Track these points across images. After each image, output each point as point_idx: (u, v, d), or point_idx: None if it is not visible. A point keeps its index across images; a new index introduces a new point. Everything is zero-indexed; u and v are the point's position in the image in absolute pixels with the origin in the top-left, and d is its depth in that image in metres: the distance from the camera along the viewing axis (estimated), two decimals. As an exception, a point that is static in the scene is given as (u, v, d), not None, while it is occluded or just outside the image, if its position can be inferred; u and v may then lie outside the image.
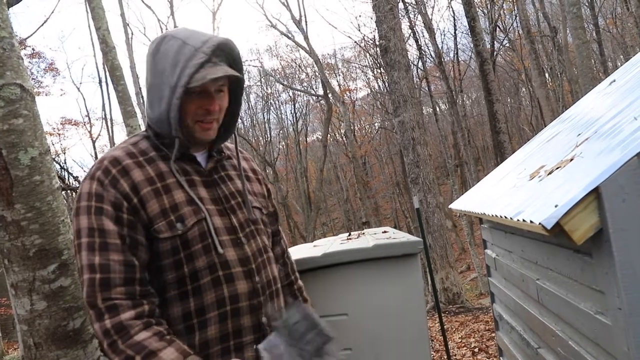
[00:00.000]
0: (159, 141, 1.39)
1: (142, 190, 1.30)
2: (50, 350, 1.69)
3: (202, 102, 1.34)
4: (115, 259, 1.24)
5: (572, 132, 2.62)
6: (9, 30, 1.62)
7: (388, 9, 8.67)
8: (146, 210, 1.29)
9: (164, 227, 1.29)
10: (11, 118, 1.60)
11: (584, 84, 11.06)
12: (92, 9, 6.05)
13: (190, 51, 1.29)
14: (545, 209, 1.54)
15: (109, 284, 1.22)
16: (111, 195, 1.27)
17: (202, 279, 1.31)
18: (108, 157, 1.33)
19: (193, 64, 1.28)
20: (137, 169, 1.32)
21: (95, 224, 1.25)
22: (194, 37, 1.33)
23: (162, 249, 1.29)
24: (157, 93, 1.34)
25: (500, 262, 3.14)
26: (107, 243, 1.24)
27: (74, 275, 1.74)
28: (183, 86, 1.28)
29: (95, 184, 1.29)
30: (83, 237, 1.25)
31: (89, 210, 1.27)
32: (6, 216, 1.61)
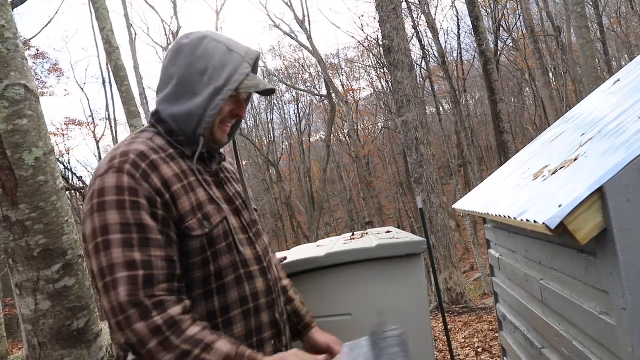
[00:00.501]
0: (172, 138, 1.37)
1: (172, 187, 1.27)
2: (55, 350, 1.70)
3: (235, 106, 1.40)
4: (158, 255, 1.19)
5: (576, 131, 2.62)
6: (13, 31, 1.63)
7: (391, 9, 8.66)
8: (177, 208, 1.26)
9: (195, 225, 1.27)
10: (16, 118, 1.60)
11: (588, 83, 11.03)
12: (96, 9, 6.07)
13: (238, 59, 1.35)
14: (549, 209, 1.53)
15: (152, 281, 1.17)
16: (145, 190, 1.22)
17: (226, 277, 1.31)
18: (133, 151, 1.27)
19: (243, 72, 1.34)
20: (164, 164, 1.29)
21: (132, 219, 1.18)
22: (237, 45, 1.38)
23: (192, 247, 1.27)
24: (193, 90, 1.33)
25: (504, 262, 3.13)
26: (149, 239, 1.19)
27: (77, 276, 1.75)
28: (233, 90, 1.32)
29: (125, 177, 1.21)
30: (113, 234, 1.17)
31: (120, 204, 1.19)
32: (11, 216, 1.61)
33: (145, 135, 1.37)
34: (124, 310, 1.14)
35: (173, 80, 1.36)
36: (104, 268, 1.17)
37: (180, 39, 1.40)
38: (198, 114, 1.33)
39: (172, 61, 1.37)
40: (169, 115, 1.37)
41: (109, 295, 1.16)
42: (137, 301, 1.14)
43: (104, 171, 1.24)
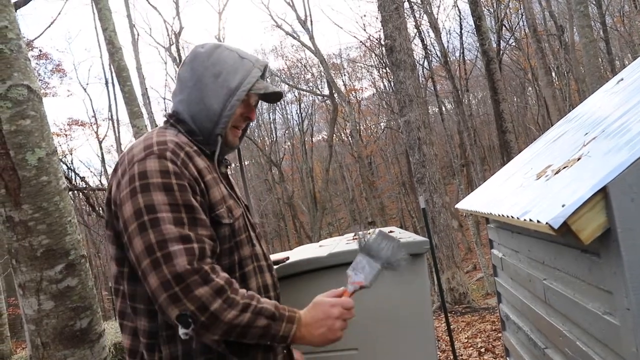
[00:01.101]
0: (192, 138, 1.43)
1: (205, 177, 1.35)
2: (58, 349, 1.70)
3: (246, 110, 1.49)
4: (206, 234, 1.26)
5: (579, 131, 2.61)
6: (16, 31, 1.63)
7: (393, 9, 8.65)
8: (209, 196, 1.33)
9: (225, 213, 1.36)
10: (19, 119, 1.60)
11: (591, 82, 11.02)
12: (99, 10, 6.07)
13: (249, 64, 1.46)
14: (552, 208, 1.53)
15: (204, 254, 1.22)
16: (186, 177, 1.28)
17: (246, 267, 1.40)
18: (170, 141, 1.33)
19: (254, 75, 1.45)
20: (196, 156, 1.37)
21: (180, 199, 1.24)
22: (247, 54, 1.50)
23: (221, 235, 1.34)
24: (209, 92, 1.42)
25: (506, 262, 3.13)
26: (196, 218, 1.25)
27: (80, 276, 1.75)
28: (246, 91, 1.42)
29: (169, 163, 1.27)
30: (163, 212, 1.21)
31: (167, 186, 1.24)
32: (14, 216, 1.62)
33: (170, 131, 1.43)
34: (184, 279, 1.17)
35: (190, 83, 1.45)
36: (153, 244, 1.19)
37: (195, 48, 1.51)
38: (215, 115, 1.42)
39: (188, 66, 1.47)
40: (189, 117, 1.45)
41: (160, 270, 1.17)
42: (197, 268, 1.19)
43: (142, 157, 1.28)
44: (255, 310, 1.24)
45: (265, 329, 1.25)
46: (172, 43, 22.05)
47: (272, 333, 1.27)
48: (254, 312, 1.24)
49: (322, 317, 1.34)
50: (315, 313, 1.36)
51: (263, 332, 1.25)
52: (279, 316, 1.28)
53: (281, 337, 1.29)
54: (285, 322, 1.29)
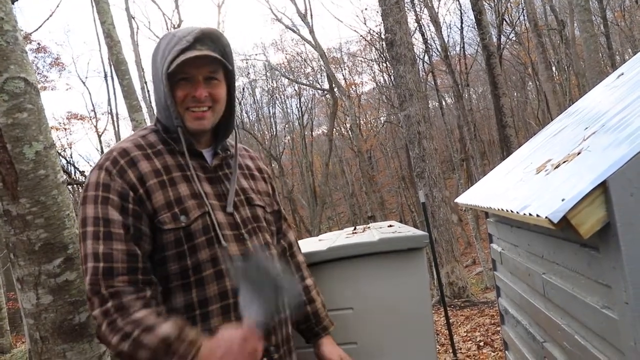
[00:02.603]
0: (167, 135, 1.42)
1: (148, 182, 1.32)
2: (57, 344, 1.70)
3: (188, 89, 1.37)
4: (119, 248, 1.25)
5: (579, 125, 2.60)
6: (12, 23, 1.62)
7: (394, 2, 8.61)
8: (151, 201, 1.31)
9: (167, 219, 1.31)
10: (15, 112, 1.59)
11: (591, 77, 10.99)
12: (97, 3, 6.04)
13: (174, 40, 1.36)
14: (552, 202, 1.52)
15: (112, 272, 1.23)
16: (118, 185, 1.29)
17: (204, 271, 1.33)
18: (117, 149, 1.35)
19: (175, 50, 1.33)
20: (144, 160, 1.34)
21: (100, 213, 1.27)
22: (185, 30, 1.38)
23: (166, 240, 1.31)
24: (157, 87, 1.40)
25: (506, 256, 3.13)
26: (112, 232, 1.26)
27: (79, 270, 1.75)
28: (165, 72, 1.33)
29: (103, 174, 1.30)
30: (88, 226, 1.27)
31: (95, 199, 1.28)
32: (11, 210, 1.61)
33: (141, 132, 1.45)
34: (89, 298, 1.24)
35: (152, 84, 1.49)
36: (82, 257, 1.29)
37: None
38: (165, 107, 1.38)
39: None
40: (159, 115, 1.45)
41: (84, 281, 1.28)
42: (96, 290, 1.22)
43: (92, 169, 1.36)
44: (134, 342, 1.18)
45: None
46: (172, 37, 21.94)
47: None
48: (132, 342, 1.18)
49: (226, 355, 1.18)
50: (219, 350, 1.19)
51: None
52: (163, 352, 1.17)
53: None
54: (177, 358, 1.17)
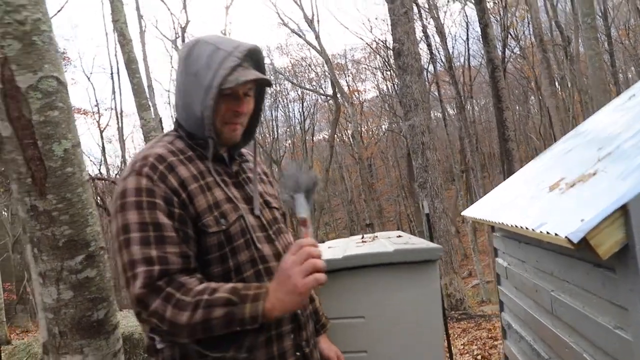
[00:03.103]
0: (193, 141, 1.43)
1: (189, 186, 1.33)
2: (75, 339, 1.71)
3: (231, 104, 1.41)
4: (173, 251, 1.26)
5: (591, 146, 2.63)
6: (48, 24, 1.65)
7: (403, 13, 8.67)
8: (194, 205, 1.32)
9: (212, 222, 1.33)
10: (47, 110, 1.62)
11: (596, 95, 11.05)
12: (111, 1, 6.08)
13: (223, 55, 1.36)
14: (571, 222, 1.55)
15: (168, 273, 1.24)
16: (162, 190, 1.28)
17: (245, 272, 1.36)
18: (152, 154, 1.35)
19: (226, 67, 1.35)
20: (181, 166, 1.36)
21: (148, 218, 1.26)
22: (226, 43, 1.40)
23: (209, 243, 1.33)
24: (190, 95, 1.39)
25: (512, 271, 3.15)
26: (164, 236, 1.26)
27: (99, 267, 1.77)
28: (216, 87, 1.34)
29: (144, 180, 1.29)
30: (134, 232, 1.25)
31: (139, 205, 1.27)
32: (38, 206, 1.63)
33: (166, 139, 1.45)
34: (141, 299, 1.22)
35: (177, 88, 1.45)
36: (125, 264, 1.26)
37: (180, 49, 1.48)
38: (199, 117, 1.39)
39: (177, 71, 1.47)
40: (183, 122, 1.46)
41: (129, 289, 1.25)
42: (152, 288, 1.22)
43: (126, 174, 1.34)
44: (207, 304, 1.21)
45: (226, 317, 1.21)
46: (178, 36, 22.04)
47: (237, 318, 1.21)
48: (205, 306, 1.20)
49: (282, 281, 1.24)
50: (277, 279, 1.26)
51: (226, 320, 1.21)
52: (238, 299, 1.22)
53: (250, 318, 1.22)
54: (250, 302, 1.22)
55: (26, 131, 1.59)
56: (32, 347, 4.19)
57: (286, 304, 1.24)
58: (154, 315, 1.21)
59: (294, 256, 1.25)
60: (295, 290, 1.22)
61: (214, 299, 1.22)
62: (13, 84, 1.55)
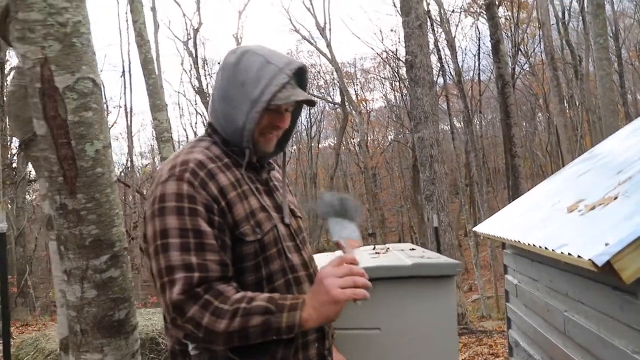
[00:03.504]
0: (227, 148, 1.43)
1: (228, 194, 1.33)
2: (96, 338, 1.73)
3: (274, 118, 1.42)
4: (213, 259, 1.26)
5: (607, 169, 2.65)
6: (87, 26, 1.68)
7: (417, 25, 8.72)
8: (233, 214, 1.32)
9: (249, 231, 1.34)
10: (82, 111, 1.64)
11: (605, 115, 11.05)
12: (132, 2, 6.14)
13: (274, 70, 1.37)
14: (594, 245, 1.57)
15: (207, 280, 1.24)
16: (203, 197, 1.28)
17: (276, 281, 1.37)
18: (192, 160, 1.34)
19: (277, 83, 1.35)
20: (221, 173, 1.35)
21: (189, 224, 1.25)
22: (276, 57, 1.40)
23: (245, 252, 1.33)
24: (234, 103, 1.39)
25: (522, 289, 3.16)
26: (204, 244, 1.25)
27: (122, 268, 1.79)
28: (265, 102, 1.35)
29: (185, 185, 1.28)
30: (173, 238, 1.25)
31: (179, 210, 1.26)
32: (68, 204, 1.65)
33: (202, 144, 1.43)
34: (179, 305, 1.21)
35: (219, 93, 1.43)
36: (162, 269, 1.24)
37: (226, 55, 1.46)
38: (240, 127, 1.39)
39: (219, 75, 1.45)
40: (220, 128, 1.45)
41: (165, 295, 1.24)
42: (191, 294, 1.21)
43: (165, 178, 1.32)
44: (245, 312, 1.22)
45: (263, 326, 1.22)
46: (190, 38, 22.18)
47: (274, 327, 1.23)
48: (243, 314, 1.21)
49: (318, 293, 1.26)
50: (314, 290, 1.28)
51: (263, 329, 1.22)
52: (276, 309, 1.23)
53: (286, 327, 1.23)
54: (287, 311, 1.24)
55: (61, 130, 1.62)
56: (40, 342, 4.20)
57: (322, 315, 1.25)
58: (190, 322, 1.21)
59: (333, 269, 1.27)
60: (331, 301, 1.23)
61: (252, 307, 1.22)
62: (51, 84, 1.58)
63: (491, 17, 12.52)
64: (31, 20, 1.55)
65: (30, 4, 1.55)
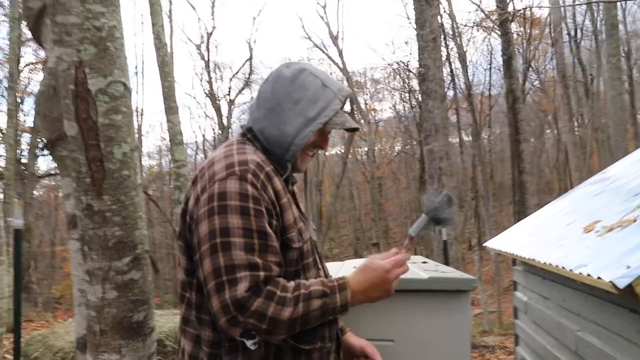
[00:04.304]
0: (267, 156, 1.44)
1: (281, 199, 1.36)
2: (114, 339, 1.75)
3: (319, 139, 1.48)
4: (274, 261, 1.29)
5: (623, 191, 2.65)
6: (121, 31, 1.71)
7: (431, 39, 8.75)
8: (283, 219, 1.35)
9: (295, 237, 1.37)
10: (112, 114, 1.67)
11: (615, 135, 11.02)
12: (151, 4, 6.21)
13: (331, 96, 1.44)
14: (614, 267, 1.58)
15: (269, 282, 1.26)
16: (264, 200, 1.31)
17: None
18: (251, 161, 1.35)
19: (334, 108, 1.43)
20: (275, 177, 1.39)
21: (254, 225, 1.26)
22: (331, 81, 1.48)
23: (289, 257, 1.36)
24: (284, 118, 1.41)
25: (532, 306, 3.16)
26: (267, 245, 1.28)
27: (143, 270, 1.81)
28: (322, 124, 1.40)
29: (249, 186, 1.29)
30: (236, 237, 1.25)
31: (244, 210, 1.26)
32: (94, 206, 1.68)
33: (250, 147, 1.44)
34: (241, 303, 1.21)
35: (268, 104, 1.44)
36: (221, 267, 1.23)
37: (281, 68, 1.49)
38: (287, 141, 1.41)
39: (270, 86, 1.46)
40: (262, 136, 1.46)
41: (223, 293, 1.22)
42: (256, 289, 1.23)
43: (223, 176, 1.30)
44: (306, 297, 1.27)
45: (322, 308, 1.28)
46: (203, 41, 22.32)
47: (330, 308, 1.29)
48: (305, 299, 1.27)
49: (378, 282, 1.36)
50: (371, 277, 1.36)
51: (322, 311, 1.28)
52: (330, 291, 1.30)
53: (341, 307, 1.31)
54: (338, 292, 1.31)
55: (91, 132, 1.65)
56: (49, 339, 4.21)
57: (371, 300, 1.37)
58: (253, 316, 1.22)
59: (397, 272, 1.38)
60: (384, 297, 1.38)
61: (311, 292, 1.28)
62: (85, 87, 1.61)
63: (504, 33, 12.55)
64: (69, 23, 1.58)
65: (69, 8, 1.58)
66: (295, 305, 1.25)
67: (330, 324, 1.41)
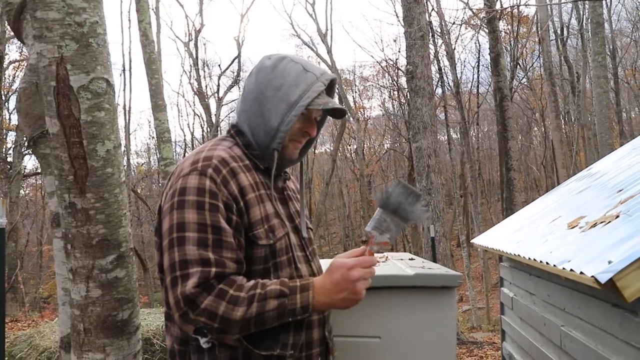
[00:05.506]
0: (249, 151, 1.44)
1: (247, 195, 1.34)
2: (98, 337, 1.73)
3: (305, 124, 1.46)
4: (229, 257, 1.26)
5: (607, 187, 2.68)
6: (104, 27, 1.69)
7: (419, 36, 8.78)
8: (249, 215, 1.33)
9: (263, 234, 1.34)
10: (95, 111, 1.65)
11: (601, 132, 11.14)
12: (138, 1, 6.16)
13: (312, 78, 1.43)
14: (597, 262, 1.59)
15: (223, 277, 1.24)
16: (224, 195, 1.29)
17: None
18: (215, 157, 1.34)
19: (315, 89, 1.41)
20: (242, 173, 1.36)
21: (209, 220, 1.25)
22: (311, 66, 1.47)
23: (255, 255, 1.33)
24: (268, 105, 1.41)
25: (518, 302, 3.18)
26: (222, 240, 1.26)
27: (127, 268, 1.79)
28: (304, 106, 1.39)
29: (207, 181, 1.29)
30: (190, 231, 1.24)
31: (200, 205, 1.26)
32: (77, 203, 1.66)
33: (225, 143, 1.44)
34: (192, 298, 1.20)
35: (252, 95, 1.44)
36: (176, 262, 1.23)
37: (262, 59, 1.50)
38: (273, 129, 1.41)
39: (253, 78, 1.47)
40: (248, 129, 1.45)
41: (175, 289, 1.22)
42: (206, 285, 1.21)
43: (187, 172, 1.32)
44: (261, 297, 1.23)
45: (279, 309, 1.24)
46: (191, 39, 22.19)
47: (289, 309, 1.25)
48: (259, 299, 1.23)
49: (341, 281, 1.29)
50: (334, 277, 1.31)
51: (278, 312, 1.25)
52: (289, 291, 1.26)
53: (301, 308, 1.27)
54: (299, 293, 1.27)
55: (73, 130, 1.63)
56: (34, 338, 4.17)
57: (337, 304, 1.31)
58: (203, 314, 1.20)
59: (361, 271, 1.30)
60: (351, 298, 1.30)
61: (267, 291, 1.24)
62: (66, 83, 1.59)
63: (492, 31, 12.62)
64: (49, 19, 1.56)
65: (49, 3, 1.56)
66: (249, 305, 1.22)
67: (296, 330, 1.35)
